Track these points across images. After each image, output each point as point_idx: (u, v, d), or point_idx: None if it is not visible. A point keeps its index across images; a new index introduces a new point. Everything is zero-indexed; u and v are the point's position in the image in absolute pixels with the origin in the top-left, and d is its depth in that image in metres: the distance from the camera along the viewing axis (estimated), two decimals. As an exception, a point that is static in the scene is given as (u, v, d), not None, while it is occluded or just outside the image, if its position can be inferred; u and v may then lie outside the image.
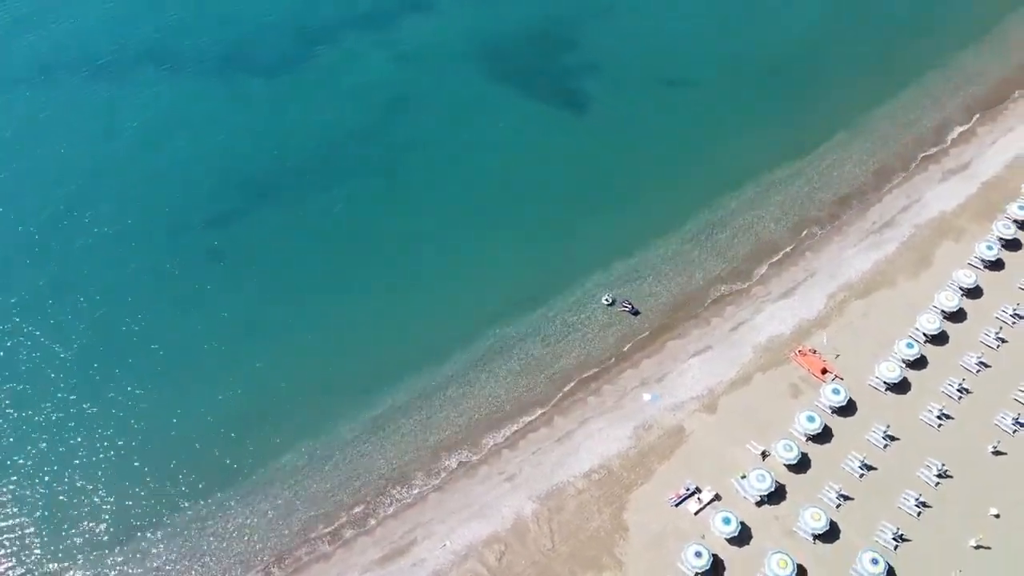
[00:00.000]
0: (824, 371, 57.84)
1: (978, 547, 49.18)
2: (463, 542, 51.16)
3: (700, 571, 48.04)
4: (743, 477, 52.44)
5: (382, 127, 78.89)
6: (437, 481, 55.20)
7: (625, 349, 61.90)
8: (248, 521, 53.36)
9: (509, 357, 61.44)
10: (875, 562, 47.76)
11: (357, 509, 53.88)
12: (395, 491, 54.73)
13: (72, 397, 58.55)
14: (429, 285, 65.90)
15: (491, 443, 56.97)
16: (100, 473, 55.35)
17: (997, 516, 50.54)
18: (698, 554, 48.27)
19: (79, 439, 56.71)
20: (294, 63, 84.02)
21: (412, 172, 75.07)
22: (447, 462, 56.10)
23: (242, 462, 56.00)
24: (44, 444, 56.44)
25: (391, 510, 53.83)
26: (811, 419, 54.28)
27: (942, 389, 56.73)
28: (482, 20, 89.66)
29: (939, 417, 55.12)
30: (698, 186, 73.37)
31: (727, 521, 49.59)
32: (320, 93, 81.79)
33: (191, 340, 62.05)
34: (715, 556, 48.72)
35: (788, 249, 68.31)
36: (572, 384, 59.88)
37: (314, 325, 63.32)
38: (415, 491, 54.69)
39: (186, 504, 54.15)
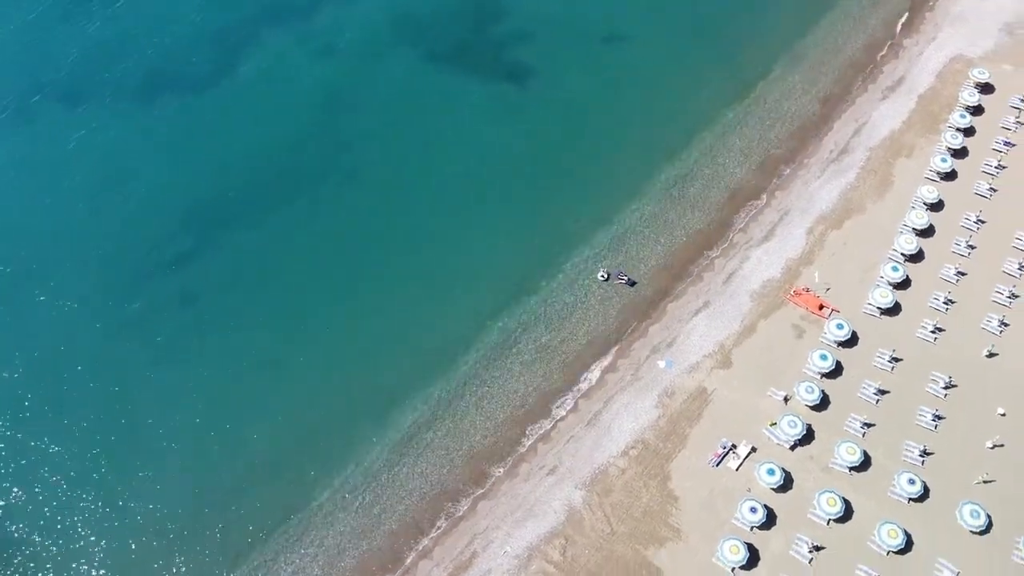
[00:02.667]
0: (821, 307, 60.22)
1: (994, 447, 53.09)
2: (523, 544, 51.62)
3: (756, 525, 50.19)
4: (773, 425, 54.58)
5: (325, 129, 75.93)
6: (481, 489, 55.19)
7: (629, 320, 62.72)
8: (300, 571, 52.23)
9: (518, 349, 61.28)
10: (912, 482, 50.96)
11: (409, 533, 53.42)
12: (442, 507, 54.45)
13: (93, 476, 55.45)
14: (416, 292, 64.52)
15: (524, 440, 57.15)
16: (127, 552, 53.02)
17: (1004, 415, 54.54)
18: (753, 509, 50.32)
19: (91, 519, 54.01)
20: (217, 76, 79.20)
21: (367, 173, 72.88)
22: (486, 467, 56.05)
23: (274, 514, 54.27)
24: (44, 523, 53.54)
25: (443, 527, 53.65)
26: (824, 357, 56.68)
27: (930, 304, 60.07)
28: (403, 0, 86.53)
29: (933, 332, 58.50)
30: (657, 142, 73.85)
31: (771, 472, 51.70)
32: (252, 104, 77.76)
33: (184, 396, 59.10)
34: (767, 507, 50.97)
35: (758, 191, 70.10)
36: (588, 366, 60.41)
37: (310, 355, 61.21)
38: (462, 503, 54.59)
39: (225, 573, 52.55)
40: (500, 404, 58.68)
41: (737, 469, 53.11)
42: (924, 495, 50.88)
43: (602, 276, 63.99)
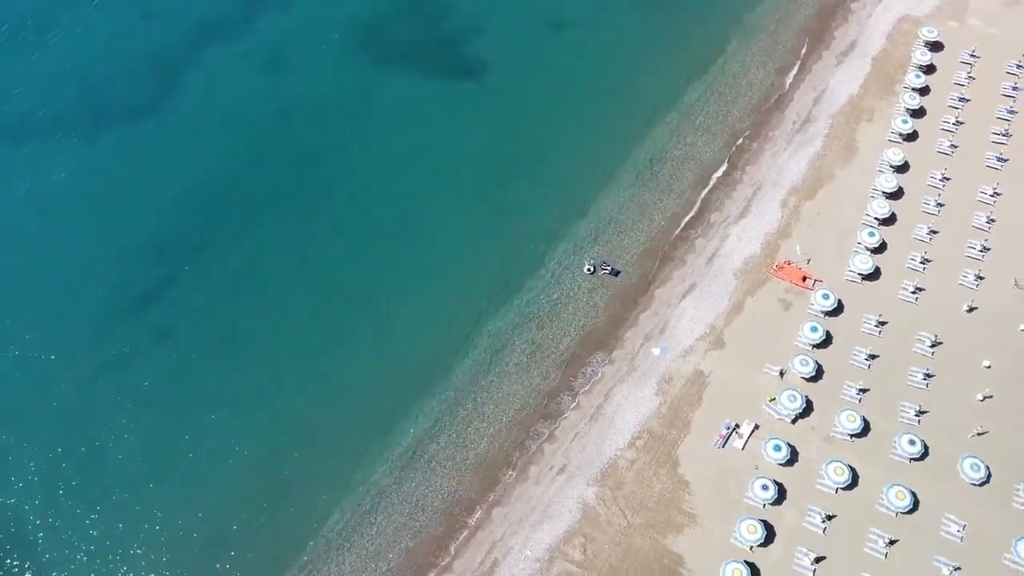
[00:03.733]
0: (804, 278, 61.24)
1: (984, 399, 54.90)
2: (543, 547, 51.71)
3: (769, 501, 51.15)
4: (772, 400, 55.51)
5: (283, 145, 73.91)
6: (493, 495, 55.06)
7: (619, 310, 62.92)
8: (322, 597, 51.66)
9: (511, 351, 61.01)
10: (912, 442, 52.45)
11: (427, 550, 53.07)
12: (457, 519, 54.20)
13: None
14: (401, 304, 63.49)
15: (530, 442, 57.06)
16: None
17: (989, 367, 56.37)
18: (764, 487, 51.21)
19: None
20: (163, 102, 76.14)
21: (333, 186, 71.22)
22: (495, 474, 55.86)
23: (288, 545, 53.07)
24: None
25: (460, 539, 53.43)
26: (814, 329, 57.74)
27: (908, 266, 61.56)
28: (348, 3, 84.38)
29: (914, 292, 60.03)
30: (622, 126, 73.98)
31: (777, 448, 52.65)
32: (203, 126, 75.03)
33: (175, 437, 57.04)
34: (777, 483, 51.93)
35: (729, 168, 70.70)
36: (584, 360, 60.48)
37: (300, 381, 59.76)
38: (476, 512, 54.38)
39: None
40: (501, 408, 58.45)
41: (743, 448, 53.94)
42: (924, 454, 52.44)
43: (588, 269, 64.01)
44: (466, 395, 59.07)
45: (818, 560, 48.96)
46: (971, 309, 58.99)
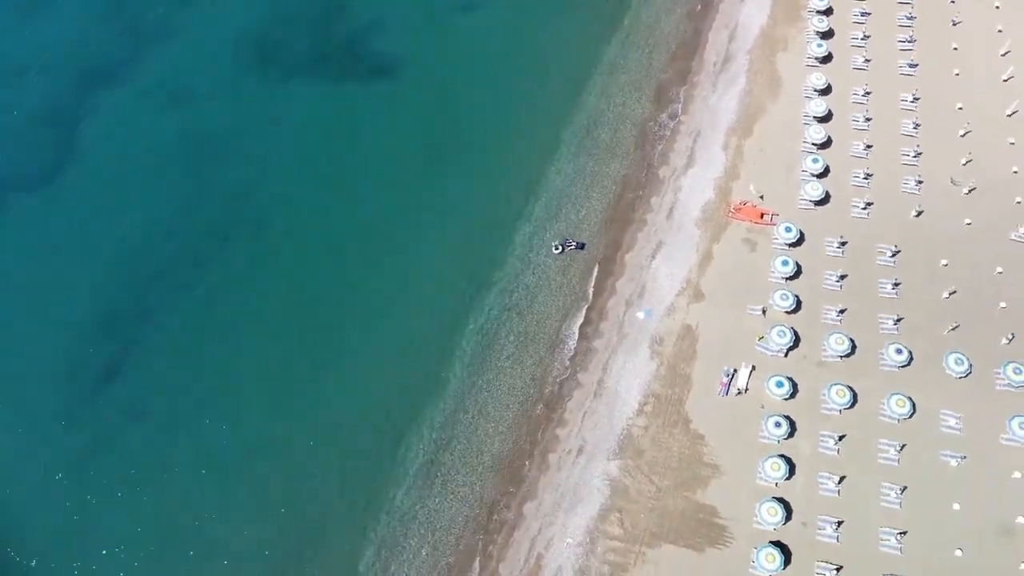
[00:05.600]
0: (762, 215, 63.05)
1: (950, 295, 58.26)
2: (581, 530, 52.25)
3: (783, 437, 53.17)
4: (761, 339, 57.28)
5: (203, 182, 70.48)
6: (520, 492, 55.15)
7: (594, 282, 63.35)
8: (376, 634, 50.92)
9: (500, 346, 60.76)
10: (899, 351, 55.33)
11: (468, 561, 52.85)
12: (490, 523, 54.11)
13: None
14: (374, 323, 62.22)
15: (541, 431, 57.25)
16: None
17: (946, 265, 59.72)
18: (777, 424, 53.14)
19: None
20: (62, 159, 71.20)
21: (270, 216, 68.57)
22: (516, 470, 55.91)
23: (327, 585, 52.36)
24: None
25: (499, 542, 53.44)
26: (785, 263, 59.66)
27: (853, 183, 64.17)
28: (235, 20, 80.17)
29: (864, 208, 62.71)
30: (551, 98, 73.81)
31: (780, 384, 54.53)
32: (112, 178, 70.77)
33: (174, 511, 54.37)
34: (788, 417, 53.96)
35: (665, 119, 71.57)
36: (573, 337, 60.82)
37: (290, 425, 57.66)
38: (508, 511, 54.43)
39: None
40: (504, 404, 58.36)
41: (746, 391, 55.65)
42: (911, 359, 55.45)
43: (556, 249, 64.04)
44: (466, 400, 58.61)
45: (841, 480, 51.44)
46: (919, 213, 62.18)
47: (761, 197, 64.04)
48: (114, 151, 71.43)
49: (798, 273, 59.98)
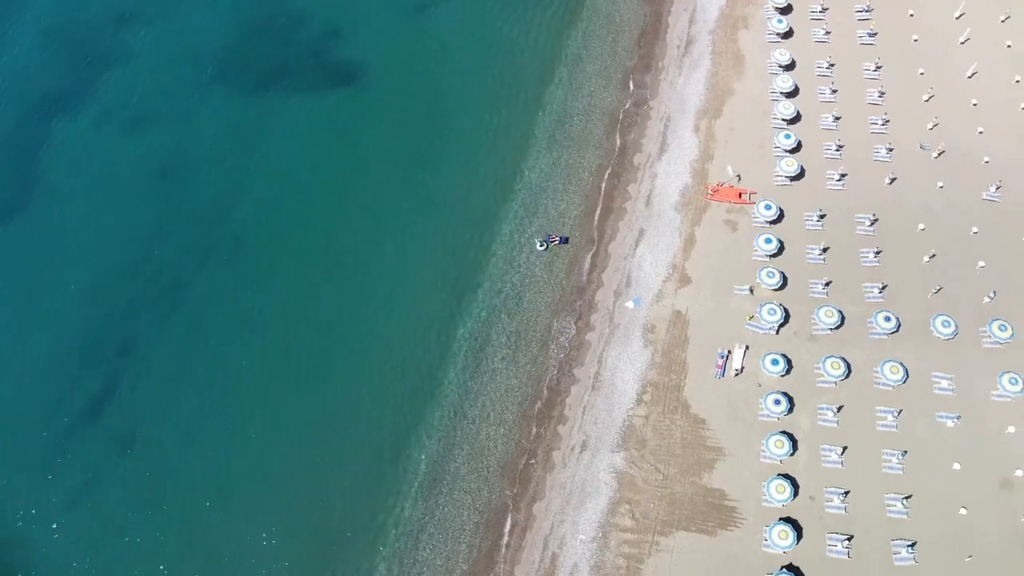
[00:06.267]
0: (740, 195, 63.42)
1: (930, 259, 59.23)
2: (593, 525, 52.30)
3: (783, 413, 53.67)
4: (751, 318, 57.74)
5: (177, 207, 67.95)
6: (527, 493, 54.91)
7: (580, 275, 63.21)
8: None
9: (493, 348, 60.24)
10: (888, 319, 56.15)
11: (483, 567, 52.52)
12: (501, 527, 53.83)
13: None
14: (364, 336, 60.75)
15: (542, 429, 57.08)
16: None
17: (923, 229, 60.72)
18: (776, 401, 53.63)
19: None
20: (23, 193, 68.30)
21: (245, 235, 66.31)
22: (521, 471, 55.69)
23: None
24: None
25: (512, 545, 53.22)
26: (768, 240, 60.09)
27: (826, 155, 64.85)
28: (194, 38, 78.02)
29: (839, 180, 63.43)
30: (518, 93, 73.18)
31: (776, 362, 54.99)
32: (79, 209, 67.71)
33: (178, 545, 53.27)
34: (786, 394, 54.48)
35: (634, 107, 71.51)
36: (565, 333, 60.58)
37: (286, 447, 56.34)
38: (519, 513, 54.19)
39: None
40: (503, 406, 57.96)
41: (742, 371, 56.03)
42: (899, 325, 56.30)
43: (540, 246, 63.68)
44: (464, 405, 58.11)
45: (843, 451, 52.12)
46: (892, 180, 63.07)
47: (738, 177, 64.38)
48: (80, 181, 69.01)
49: (781, 250, 60.48)
